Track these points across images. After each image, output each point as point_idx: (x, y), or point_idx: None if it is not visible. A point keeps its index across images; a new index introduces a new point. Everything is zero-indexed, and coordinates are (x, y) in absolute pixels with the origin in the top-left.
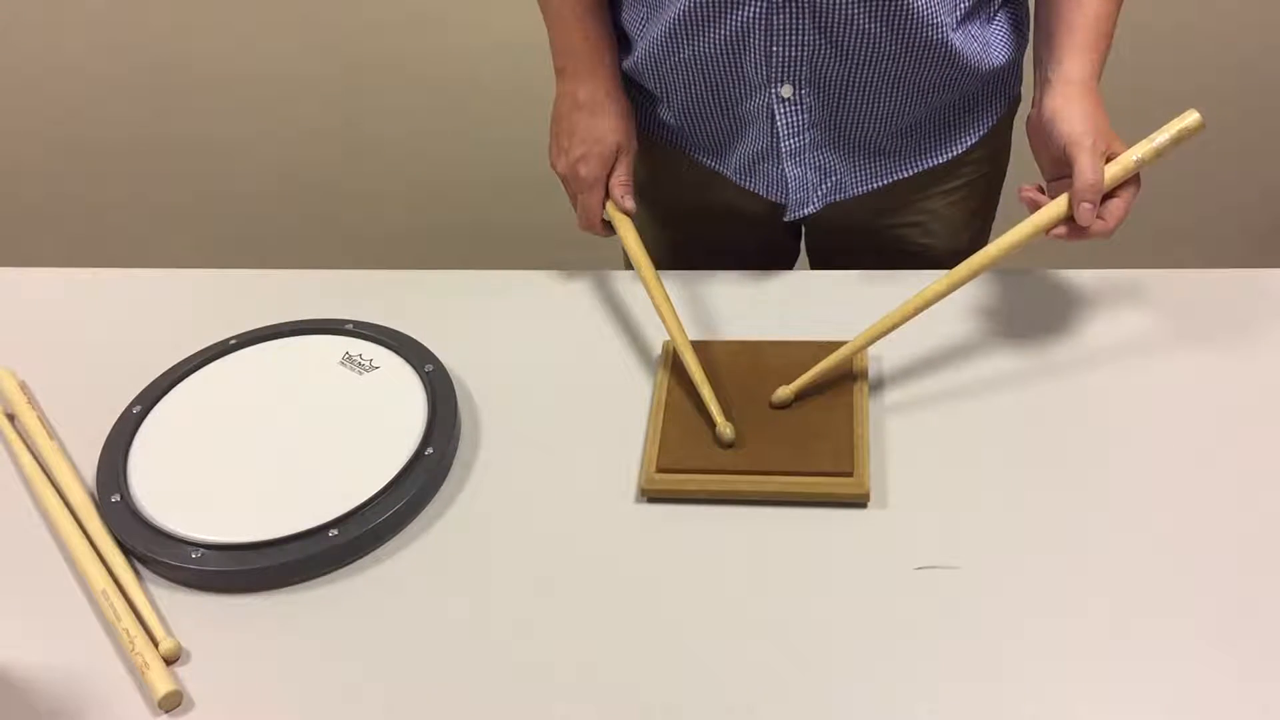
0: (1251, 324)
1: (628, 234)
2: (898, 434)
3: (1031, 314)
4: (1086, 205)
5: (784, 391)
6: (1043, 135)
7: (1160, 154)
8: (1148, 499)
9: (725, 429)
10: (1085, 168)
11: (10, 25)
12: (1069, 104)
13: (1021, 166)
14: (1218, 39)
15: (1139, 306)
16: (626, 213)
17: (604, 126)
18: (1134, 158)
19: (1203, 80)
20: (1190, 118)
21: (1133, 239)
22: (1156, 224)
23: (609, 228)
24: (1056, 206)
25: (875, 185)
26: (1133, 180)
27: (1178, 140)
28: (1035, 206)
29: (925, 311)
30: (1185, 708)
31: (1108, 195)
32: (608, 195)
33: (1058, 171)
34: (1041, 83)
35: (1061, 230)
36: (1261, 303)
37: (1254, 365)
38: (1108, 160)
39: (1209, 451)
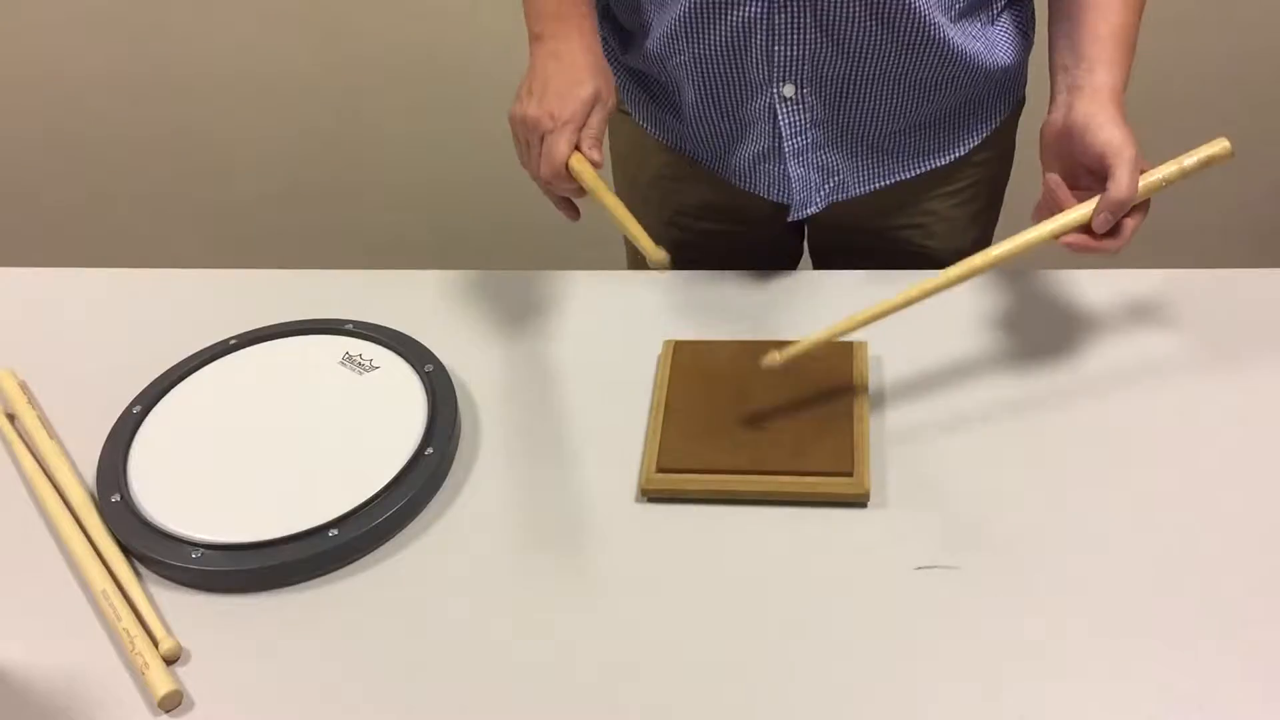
0: (1255, 324)
1: (585, 170)
2: (898, 434)
3: (1032, 314)
4: (1107, 216)
5: (774, 356)
6: (1070, 141)
7: (1185, 176)
8: (1149, 499)
9: (657, 254)
10: (1124, 181)
11: (9, 24)
12: (1104, 112)
13: (1025, 169)
14: (1220, 36)
15: (1141, 307)
16: (594, 164)
17: (582, 75)
18: (1158, 177)
19: (1205, 77)
20: (1219, 145)
21: (1135, 238)
22: (1159, 224)
23: (569, 181)
24: (1076, 213)
25: (878, 185)
26: (1142, 204)
27: (1204, 166)
28: (1053, 197)
29: (925, 312)
30: (1185, 708)
31: None
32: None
33: (1073, 182)
34: (1070, 88)
35: (1073, 239)
36: (1265, 302)
37: (1258, 365)
38: None
39: (1212, 452)
